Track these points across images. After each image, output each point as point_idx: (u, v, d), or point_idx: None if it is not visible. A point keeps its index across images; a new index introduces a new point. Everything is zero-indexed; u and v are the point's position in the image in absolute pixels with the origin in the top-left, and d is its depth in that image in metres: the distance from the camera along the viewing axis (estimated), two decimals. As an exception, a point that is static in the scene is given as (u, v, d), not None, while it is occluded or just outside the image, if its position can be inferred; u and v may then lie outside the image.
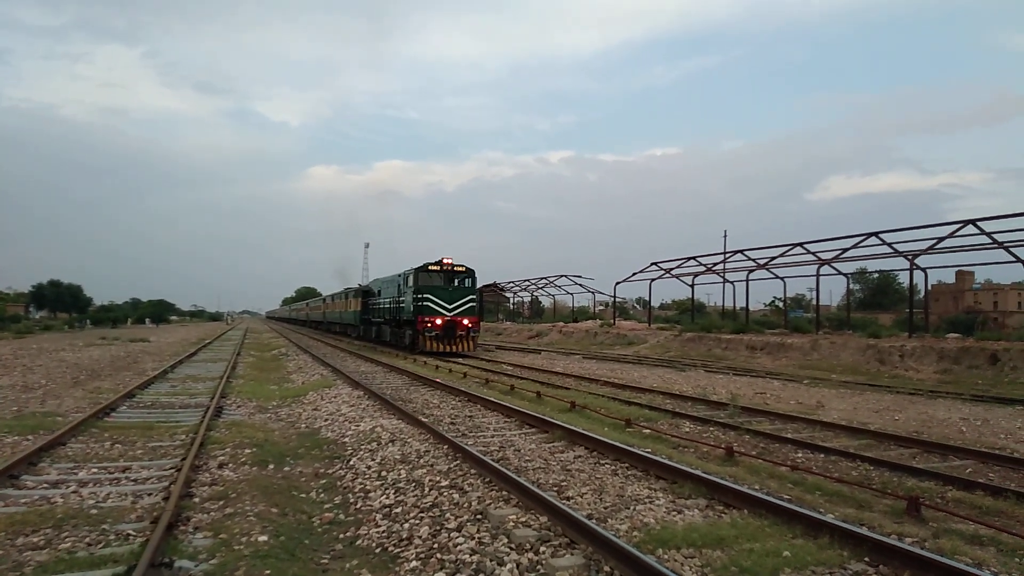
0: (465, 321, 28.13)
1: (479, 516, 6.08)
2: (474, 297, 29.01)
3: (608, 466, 8.02)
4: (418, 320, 27.52)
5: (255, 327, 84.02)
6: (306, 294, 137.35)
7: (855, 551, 5.06)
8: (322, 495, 7.31)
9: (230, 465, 8.26)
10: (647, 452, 8.34)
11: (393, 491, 7.08)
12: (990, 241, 23.96)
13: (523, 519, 5.91)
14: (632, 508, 6.31)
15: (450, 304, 27.97)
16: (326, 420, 11.62)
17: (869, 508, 6.64)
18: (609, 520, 5.95)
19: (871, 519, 6.13)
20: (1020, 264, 23.94)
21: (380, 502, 6.83)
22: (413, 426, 10.49)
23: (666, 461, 7.74)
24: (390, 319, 33.43)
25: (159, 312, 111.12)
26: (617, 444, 8.62)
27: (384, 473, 7.79)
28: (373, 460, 8.43)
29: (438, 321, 27.48)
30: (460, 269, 28.98)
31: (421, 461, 8.15)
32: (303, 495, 7.30)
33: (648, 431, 10.56)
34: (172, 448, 9.12)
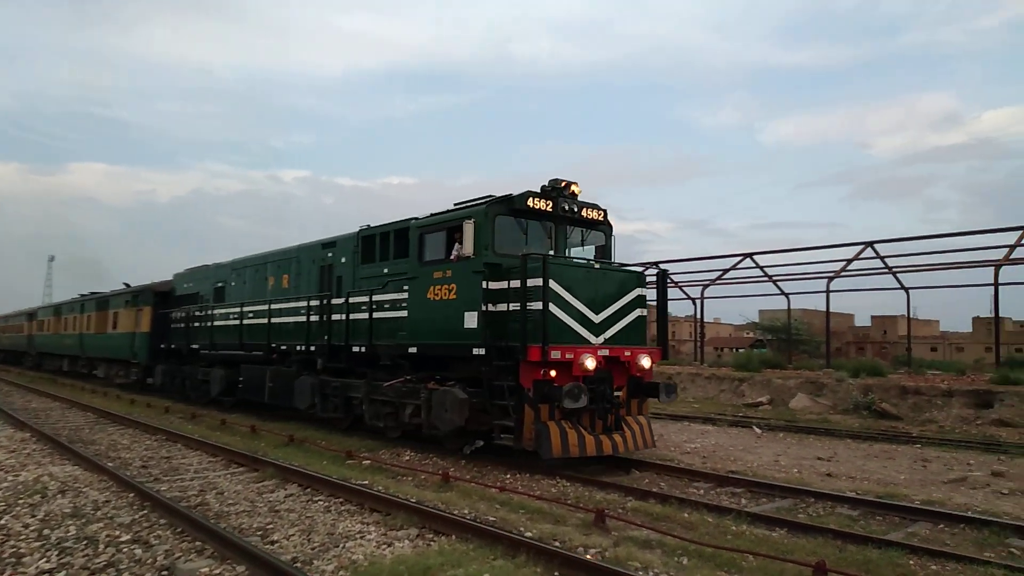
0: (644, 361, 10.57)
1: (164, 573, 5.40)
2: (643, 294, 11.09)
3: (322, 503, 7.70)
4: (528, 355, 9.30)
5: None
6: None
7: (547, 566, 5.43)
8: (-45, 567, 5.92)
9: None
10: (362, 485, 8.18)
11: (57, 553, 5.99)
12: (671, 282, 28.31)
13: (217, 571, 5.38)
14: (342, 546, 6.10)
15: (597, 312, 10.25)
16: (-26, 471, 9.54)
17: (564, 522, 7.19)
18: (315, 561, 5.67)
19: (564, 533, 6.64)
20: (689, 300, 28.52)
21: (37, 567, 5.72)
22: (93, 472, 9.07)
23: (381, 493, 7.66)
24: (320, 349, 13.66)
25: None
26: (332, 479, 8.34)
27: (47, 532, 6.56)
28: (34, 517, 7.06)
29: (588, 362, 9.55)
30: (594, 216, 11.48)
31: (98, 514, 7.04)
32: (-74, 569, 5.84)
33: (369, 462, 10.39)
34: None
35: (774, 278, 25.74)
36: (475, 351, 10.00)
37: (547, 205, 10.84)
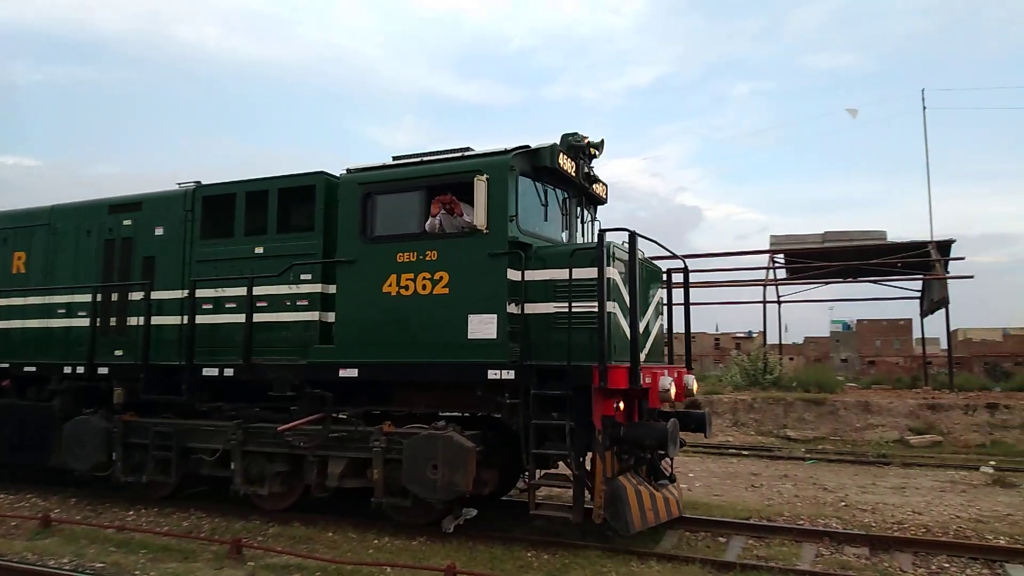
0: (694, 385, 8.23)
1: None
2: (663, 297, 8.62)
3: None
4: (609, 380, 6.49)
5: None
6: None
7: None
8: None
9: None
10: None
11: None
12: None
13: None
14: None
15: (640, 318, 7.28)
16: None
17: (195, 558, 6.57)
18: None
19: (193, 570, 6.08)
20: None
21: None
22: None
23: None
24: (120, 371, 8.93)
25: None
26: None
27: None
28: None
29: (672, 389, 7.08)
30: (600, 193, 8.98)
31: None
32: None
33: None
34: None
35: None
36: (493, 374, 6.81)
37: (572, 168, 8.04)
